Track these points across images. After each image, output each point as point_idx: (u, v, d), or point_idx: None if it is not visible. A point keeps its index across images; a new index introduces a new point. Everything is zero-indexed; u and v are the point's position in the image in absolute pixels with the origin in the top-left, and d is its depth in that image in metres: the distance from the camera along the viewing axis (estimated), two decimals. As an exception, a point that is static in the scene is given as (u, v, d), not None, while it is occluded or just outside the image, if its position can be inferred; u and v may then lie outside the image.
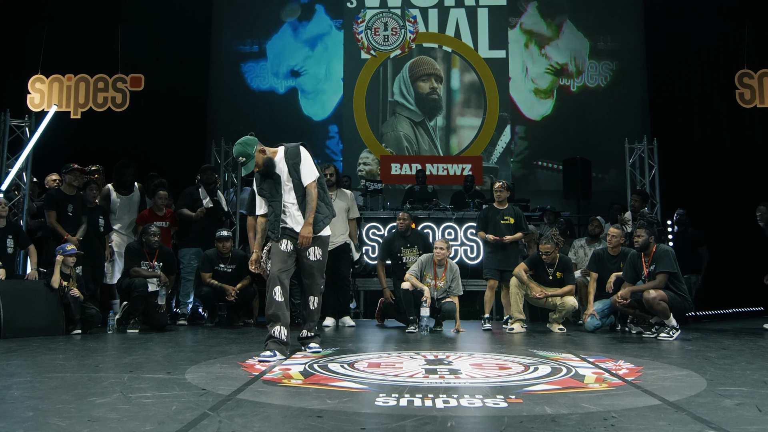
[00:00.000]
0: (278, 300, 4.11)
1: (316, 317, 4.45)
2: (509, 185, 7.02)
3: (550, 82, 11.15)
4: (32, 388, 3.08)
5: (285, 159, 4.25)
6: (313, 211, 4.21)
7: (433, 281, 6.35)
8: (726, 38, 10.60)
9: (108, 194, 7.10)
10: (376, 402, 2.70)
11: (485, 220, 6.80)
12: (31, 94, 10.58)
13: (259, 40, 11.38)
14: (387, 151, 10.99)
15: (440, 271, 6.37)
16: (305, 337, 4.38)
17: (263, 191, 4.32)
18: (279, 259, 4.20)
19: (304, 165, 4.23)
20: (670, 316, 5.53)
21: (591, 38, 11.19)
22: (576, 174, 9.63)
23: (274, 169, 4.23)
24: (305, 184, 4.23)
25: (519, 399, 2.77)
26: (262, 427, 2.28)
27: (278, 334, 4.07)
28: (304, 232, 4.19)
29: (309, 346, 4.32)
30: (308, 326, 4.40)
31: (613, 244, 6.45)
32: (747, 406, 2.65)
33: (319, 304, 4.43)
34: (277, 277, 4.14)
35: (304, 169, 4.23)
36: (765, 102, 10.15)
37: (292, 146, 4.30)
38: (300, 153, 4.25)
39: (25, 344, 4.76)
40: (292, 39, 11.35)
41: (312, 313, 4.40)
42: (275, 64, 11.31)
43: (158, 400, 2.69)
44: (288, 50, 11.33)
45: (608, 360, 4.07)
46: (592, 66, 11.13)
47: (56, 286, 5.62)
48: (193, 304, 7.12)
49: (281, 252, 4.22)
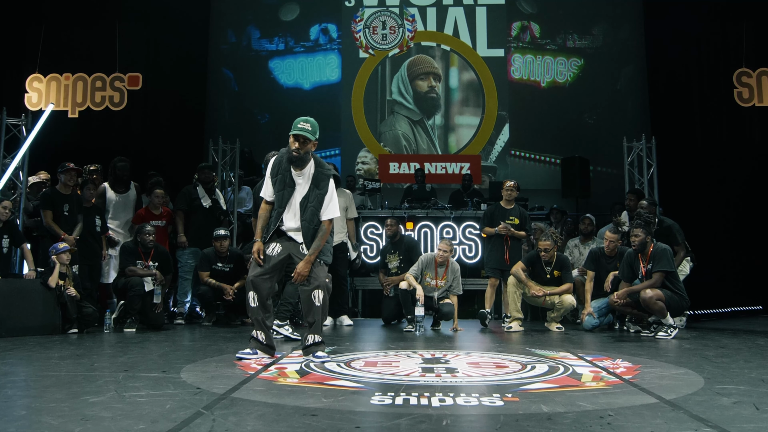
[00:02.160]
0: (251, 306, 3.93)
1: (321, 317, 3.96)
2: (519, 185, 7.00)
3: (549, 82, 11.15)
4: (26, 386, 3.07)
5: (312, 176, 3.96)
6: (318, 250, 3.90)
7: (433, 280, 6.35)
8: (724, 37, 10.59)
9: (104, 192, 7.09)
10: (371, 400, 2.68)
11: (491, 218, 6.81)
12: (29, 93, 10.54)
13: (257, 40, 11.37)
14: (385, 150, 10.98)
15: (441, 270, 6.38)
16: (310, 345, 3.94)
17: (275, 183, 3.99)
18: (259, 264, 3.95)
19: (327, 199, 3.95)
20: (668, 315, 5.52)
21: (590, 37, 11.17)
22: (574, 173, 9.62)
23: (302, 166, 3.94)
24: (322, 219, 3.95)
25: (515, 397, 2.75)
26: (256, 425, 2.26)
27: (258, 336, 3.96)
28: (303, 269, 3.86)
29: (316, 355, 3.87)
30: (313, 329, 3.94)
31: (610, 249, 6.42)
32: (744, 404, 2.64)
33: (325, 302, 3.93)
34: (251, 282, 3.91)
35: (327, 203, 3.95)
36: (763, 101, 10.14)
37: (324, 172, 4.00)
38: (328, 185, 3.98)
39: (21, 343, 4.75)
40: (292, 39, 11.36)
41: (315, 310, 3.90)
42: (275, 63, 11.30)
43: (152, 399, 2.68)
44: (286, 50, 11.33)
45: (606, 358, 4.06)
46: (591, 65, 11.13)
47: (53, 285, 5.61)
48: (190, 303, 7.12)
49: (264, 256, 3.95)
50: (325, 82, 11.32)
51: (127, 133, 10.53)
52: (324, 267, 4.00)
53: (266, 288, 3.94)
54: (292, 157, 3.91)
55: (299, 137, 3.87)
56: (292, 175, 3.97)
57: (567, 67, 11.17)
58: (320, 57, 11.37)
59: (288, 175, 3.97)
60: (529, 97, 11.16)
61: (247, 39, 11.44)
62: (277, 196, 3.98)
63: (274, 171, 4.02)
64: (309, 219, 3.92)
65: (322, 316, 3.97)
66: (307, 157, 3.95)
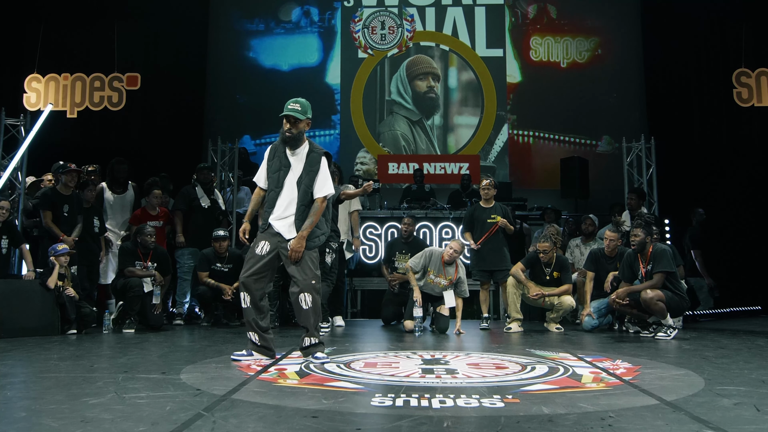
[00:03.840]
0: (243, 306, 3.92)
1: (314, 320, 3.89)
2: (496, 183, 6.89)
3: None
4: (26, 388, 3.06)
5: (306, 158, 3.99)
6: (311, 226, 3.90)
7: (436, 277, 6.27)
8: (723, 37, 10.59)
9: (101, 192, 7.08)
10: (372, 402, 2.68)
11: (471, 219, 6.70)
12: (27, 93, 10.51)
13: (257, 40, 11.36)
14: (384, 150, 10.97)
15: (450, 269, 6.24)
16: (308, 347, 3.91)
17: (271, 167, 4.03)
18: (249, 263, 3.92)
19: (321, 176, 3.96)
20: (668, 316, 5.52)
21: (588, 36, 11.18)
22: (573, 173, 9.62)
23: (296, 146, 3.98)
24: (315, 197, 3.95)
25: (516, 399, 2.75)
26: (257, 427, 2.26)
27: (251, 338, 3.95)
28: (296, 244, 3.84)
29: (315, 356, 3.84)
30: (309, 333, 3.89)
31: (610, 248, 6.42)
32: (745, 405, 2.64)
33: (315, 305, 3.87)
34: (242, 283, 3.90)
35: (320, 180, 3.96)
36: (762, 101, 10.13)
37: (317, 151, 4.02)
38: (320, 163, 3.98)
39: (20, 344, 4.74)
40: (290, 39, 11.34)
41: (305, 314, 3.86)
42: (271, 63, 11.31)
43: (152, 401, 2.67)
44: (287, 51, 11.32)
45: (606, 359, 4.06)
46: (590, 64, 11.13)
47: (52, 286, 5.60)
48: (189, 304, 7.11)
49: (254, 255, 3.91)
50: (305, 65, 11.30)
51: (126, 134, 10.52)
52: (310, 265, 3.91)
53: (258, 288, 3.91)
54: (285, 137, 3.98)
55: (290, 118, 3.93)
56: (287, 155, 4.02)
57: (586, 47, 11.20)
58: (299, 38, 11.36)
59: (284, 156, 4.03)
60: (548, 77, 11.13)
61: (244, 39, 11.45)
62: (273, 178, 4.03)
63: (271, 155, 4.09)
64: (302, 198, 3.94)
65: (315, 319, 3.90)
66: (300, 137, 4.00)
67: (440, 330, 6.12)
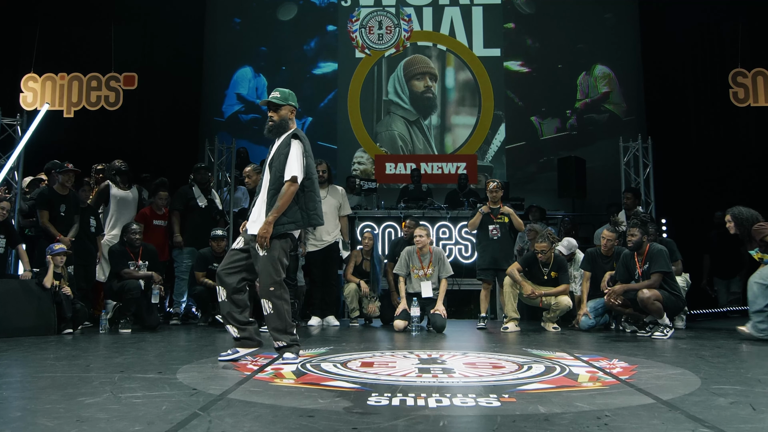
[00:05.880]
0: (219, 300, 3.91)
1: (278, 324, 3.80)
2: (503, 184, 6.99)
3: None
4: (21, 388, 3.05)
5: (280, 144, 3.90)
6: (277, 211, 3.71)
7: (420, 271, 6.33)
8: (720, 37, 10.62)
9: (107, 190, 7.06)
10: (368, 401, 2.67)
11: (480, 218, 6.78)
12: (24, 92, 10.51)
13: (256, 40, 11.35)
14: (381, 150, 10.97)
15: (426, 259, 6.36)
16: (278, 348, 3.87)
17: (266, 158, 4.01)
18: (225, 257, 3.93)
19: (291, 158, 3.77)
20: (664, 315, 5.53)
21: (587, 35, 11.20)
22: (570, 173, 9.63)
23: (280, 134, 3.90)
24: (285, 180, 3.76)
25: (512, 398, 2.75)
26: (253, 427, 2.25)
27: (232, 332, 3.90)
28: (260, 230, 3.71)
29: (284, 357, 3.79)
30: (275, 337, 3.83)
31: (607, 248, 6.43)
32: (741, 404, 2.64)
33: (277, 309, 3.77)
34: (217, 275, 3.89)
35: (289, 162, 3.77)
36: (759, 101, 10.17)
37: (290, 135, 3.90)
38: (290, 144, 3.82)
39: (16, 344, 4.72)
40: (290, 39, 11.34)
41: (267, 319, 3.80)
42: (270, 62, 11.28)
43: (148, 400, 2.66)
44: (285, 50, 11.31)
45: (602, 359, 4.06)
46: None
47: (48, 286, 5.59)
48: (186, 304, 7.10)
49: (231, 249, 3.96)
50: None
51: (123, 133, 10.52)
52: (270, 270, 3.76)
53: (232, 282, 3.83)
54: (268, 126, 3.94)
55: (270, 104, 3.91)
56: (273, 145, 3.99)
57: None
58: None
59: (271, 147, 4.00)
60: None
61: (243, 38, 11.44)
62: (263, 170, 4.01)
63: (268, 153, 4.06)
64: (273, 182, 3.81)
65: (279, 323, 3.80)
66: (283, 125, 3.92)
67: (437, 329, 6.12)
